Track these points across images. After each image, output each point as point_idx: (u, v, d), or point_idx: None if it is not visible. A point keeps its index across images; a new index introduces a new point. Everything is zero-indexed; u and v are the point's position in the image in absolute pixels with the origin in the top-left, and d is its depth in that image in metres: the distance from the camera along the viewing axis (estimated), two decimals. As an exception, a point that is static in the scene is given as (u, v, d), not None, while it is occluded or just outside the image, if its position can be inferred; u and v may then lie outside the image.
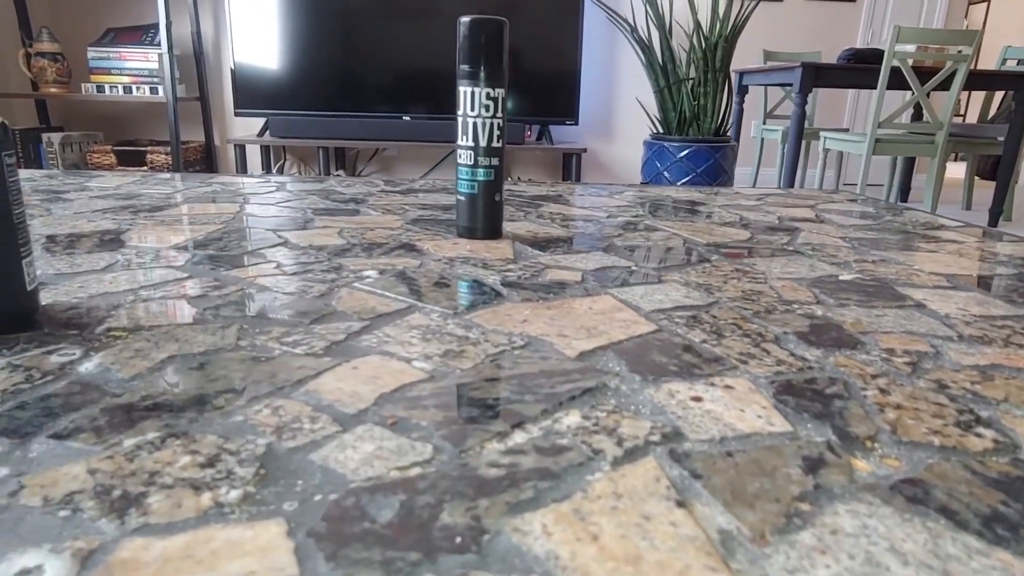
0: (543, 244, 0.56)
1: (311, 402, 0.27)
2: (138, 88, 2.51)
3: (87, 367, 0.29)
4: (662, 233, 0.63)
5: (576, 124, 2.75)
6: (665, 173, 2.53)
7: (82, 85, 2.55)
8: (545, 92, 2.72)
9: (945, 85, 2.77)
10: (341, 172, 2.85)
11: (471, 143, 0.55)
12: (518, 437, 0.24)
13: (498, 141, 0.55)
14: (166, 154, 2.54)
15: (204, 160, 2.79)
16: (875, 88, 2.75)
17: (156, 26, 2.52)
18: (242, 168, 2.59)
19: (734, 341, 0.35)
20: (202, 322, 0.35)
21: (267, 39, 2.54)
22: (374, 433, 0.24)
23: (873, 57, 2.92)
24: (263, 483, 0.21)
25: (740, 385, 0.29)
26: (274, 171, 2.80)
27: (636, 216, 0.72)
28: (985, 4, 6.03)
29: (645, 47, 2.46)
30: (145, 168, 2.54)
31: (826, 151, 3.28)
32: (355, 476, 0.22)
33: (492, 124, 0.54)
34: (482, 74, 0.53)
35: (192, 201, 0.73)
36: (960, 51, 2.76)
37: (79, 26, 2.66)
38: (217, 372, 0.29)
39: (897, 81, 2.73)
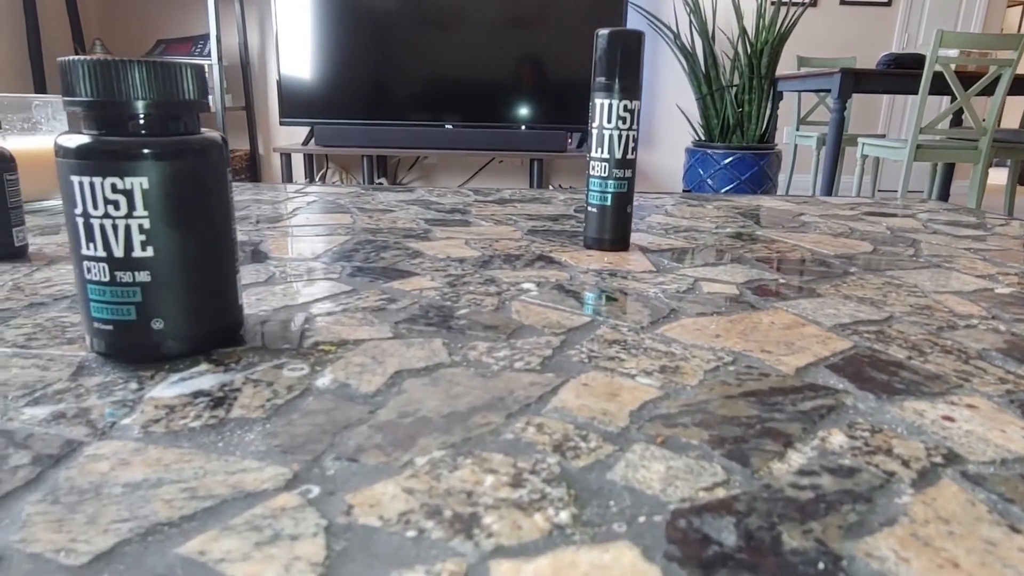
0: (672, 255, 0.56)
1: (567, 420, 0.27)
2: (186, 98, 2.55)
3: (323, 382, 0.29)
4: (782, 244, 0.62)
5: (617, 131, 2.74)
6: (708, 180, 2.52)
7: (130, 95, 2.59)
8: (587, 99, 2.71)
9: (988, 90, 2.73)
10: (383, 180, 2.87)
11: (606, 155, 0.55)
12: (796, 457, 0.24)
13: (632, 153, 0.55)
14: (212, 163, 2.58)
15: (249, 168, 2.82)
16: (915, 94, 2.71)
17: (205, 37, 2.56)
18: (287, 177, 2.62)
19: (940, 357, 0.34)
20: (401, 336, 0.35)
21: (313, 50, 2.57)
22: (654, 452, 0.24)
23: (914, 62, 2.88)
24: (580, 503, 0.21)
25: (980, 404, 0.29)
26: (316, 180, 2.82)
27: (743, 226, 0.71)
28: (1021, 7, 5.95)
29: (688, 54, 2.46)
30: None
31: (863, 157, 3.25)
32: (667, 497, 0.21)
33: (627, 136, 0.54)
34: (617, 86, 0.53)
35: (302, 211, 0.73)
36: (999, 55, 2.72)
37: (130, 37, 2.71)
38: (453, 388, 0.29)
39: (937, 86, 2.70)
